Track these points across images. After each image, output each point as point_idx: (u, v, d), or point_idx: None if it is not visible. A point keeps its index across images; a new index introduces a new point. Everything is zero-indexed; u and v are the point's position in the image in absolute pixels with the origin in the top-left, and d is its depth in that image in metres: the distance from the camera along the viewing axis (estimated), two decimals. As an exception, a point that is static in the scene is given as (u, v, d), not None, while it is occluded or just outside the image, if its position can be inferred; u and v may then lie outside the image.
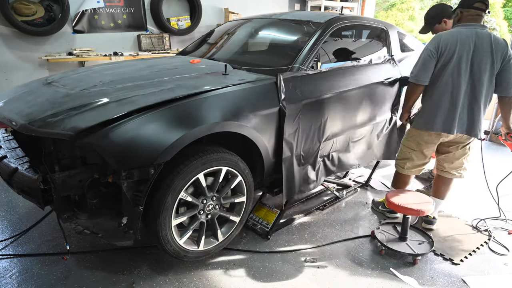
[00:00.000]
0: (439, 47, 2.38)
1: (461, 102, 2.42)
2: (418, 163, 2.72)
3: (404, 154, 2.76)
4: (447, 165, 2.68)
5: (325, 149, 2.76)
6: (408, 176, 2.80)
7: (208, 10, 5.91)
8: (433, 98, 2.49)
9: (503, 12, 14.50)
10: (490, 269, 2.37)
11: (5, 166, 2.02)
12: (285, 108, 2.31)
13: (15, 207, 2.98)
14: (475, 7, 2.35)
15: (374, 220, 2.91)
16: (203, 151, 2.08)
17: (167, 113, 1.94)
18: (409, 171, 2.76)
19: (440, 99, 2.45)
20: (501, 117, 2.56)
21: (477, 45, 2.33)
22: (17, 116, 1.97)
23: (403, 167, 2.77)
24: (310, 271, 2.29)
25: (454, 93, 2.41)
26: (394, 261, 2.41)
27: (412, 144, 2.69)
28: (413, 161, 2.72)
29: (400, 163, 2.80)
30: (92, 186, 2.01)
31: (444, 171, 2.71)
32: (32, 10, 4.35)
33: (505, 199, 3.25)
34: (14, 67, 4.49)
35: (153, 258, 2.36)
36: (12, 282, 2.13)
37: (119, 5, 5.08)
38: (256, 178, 2.50)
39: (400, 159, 2.81)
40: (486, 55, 2.33)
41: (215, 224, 2.29)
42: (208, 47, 3.35)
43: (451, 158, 2.66)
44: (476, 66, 2.35)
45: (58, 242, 2.50)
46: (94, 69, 2.80)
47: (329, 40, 2.84)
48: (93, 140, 1.78)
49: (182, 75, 2.44)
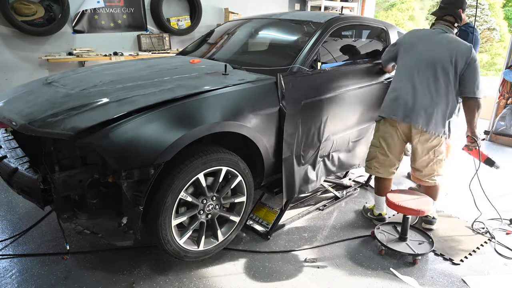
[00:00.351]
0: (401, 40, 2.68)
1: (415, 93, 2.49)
2: (384, 163, 2.70)
3: (370, 153, 2.79)
4: (418, 173, 2.68)
5: (325, 149, 2.76)
6: (384, 180, 2.77)
7: (208, 10, 5.90)
8: (392, 87, 2.65)
9: (503, 12, 14.50)
10: (490, 269, 2.37)
11: (5, 166, 2.02)
12: (285, 108, 2.31)
13: (15, 207, 2.98)
14: (443, 19, 2.58)
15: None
16: (203, 151, 2.07)
17: (167, 113, 1.94)
18: (377, 172, 2.74)
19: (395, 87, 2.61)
20: (466, 120, 2.54)
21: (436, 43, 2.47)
22: (17, 116, 1.97)
23: (370, 167, 2.78)
24: (310, 271, 2.29)
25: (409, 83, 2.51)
26: (394, 261, 2.41)
27: (376, 141, 2.73)
28: (378, 159, 2.71)
29: (368, 164, 2.82)
30: (92, 186, 2.01)
31: (418, 179, 2.70)
32: (32, 10, 4.35)
33: (505, 199, 3.26)
34: (14, 67, 4.49)
35: (153, 258, 2.36)
36: (12, 282, 2.13)
37: (119, 5, 5.08)
38: (256, 178, 2.50)
39: (368, 160, 2.83)
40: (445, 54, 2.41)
41: (215, 224, 2.29)
42: (208, 47, 3.35)
43: (418, 166, 2.63)
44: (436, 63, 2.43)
45: (58, 242, 2.50)
46: (94, 69, 2.80)
47: (329, 40, 2.84)
48: (93, 140, 1.78)
49: (182, 75, 2.44)
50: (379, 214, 2.87)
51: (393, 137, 2.63)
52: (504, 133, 4.91)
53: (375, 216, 2.89)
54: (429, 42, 2.50)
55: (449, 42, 2.44)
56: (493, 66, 13.43)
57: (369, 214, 2.93)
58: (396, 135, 2.61)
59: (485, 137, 5.07)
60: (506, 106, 4.94)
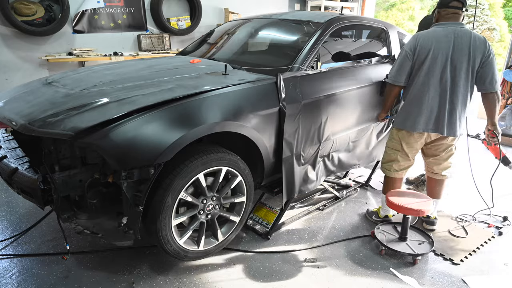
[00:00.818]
0: (415, 48, 2.43)
1: (437, 102, 2.42)
2: (403, 165, 2.70)
3: (390, 156, 2.74)
4: (436, 167, 2.68)
5: (325, 149, 2.76)
6: (397, 179, 2.75)
7: (208, 10, 5.91)
8: (410, 98, 2.52)
9: (503, 12, 14.49)
10: (490, 269, 2.37)
11: (5, 166, 2.02)
12: (285, 108, 2.31)
13: (15, 207, 2.98)
14: (450, 6, 2.38)
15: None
16: (203, 151, 2.07)
17: (167, 113, 1.94)
18: (396, 173, 2.72)
19: (416, 99, 2.48)
20: (486, 115, 2.52)
21: (456, 44, 2.34)
22: (17, 116, 1.97)
23: (390, 170, 2.73)
24: (310, 271, 2.29)
25: (430, 93, 2.42)
26: (394, 261, 2.41)
27: (396, 145, 2.68)
28: (399, 163, 2.69)
29: (386, 166, 2.76)
30: (92, 186, 2.01)
31: (434, 173, 2.71)
32: (32, 10, 4.35)
33: (506, 199, 3.26)
34: (14, 67, 4.49)
35: (153, 258, 2.36)
36: (12, 282, 2.13)
37: (119, 5, 5.08)
38: (256, 178, 2.50)
39: (385, 162, 2.77)
40: (464, 54, 2.33)
41: (215, 224, 2.29)
42: (208, 47, 3.35)
43: (439, 160, 2.65)
44: (452, 66, 2.36)
45: (58, 242, 2.50)
46: (94, 69, 2.80)
47: (329, 40, 2.84)
48: (93, 140, 1.78)
49: (182, 75, 2.44)
50: (385, 216, 2.83)
51: (417, 143, 2.60)
52: (504, 133, 4.91)
53: (380, 218, 2.84)
54: (447, 46, 2.34)
55: (464, 41, 2.31)
56: (493, 66, 13.43)
57: (374, 217, 2.87)
58: (420, 140, 2.58)
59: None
60: (506, 106, 4.94)
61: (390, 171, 2.73)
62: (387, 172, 2.77)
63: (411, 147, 2.62)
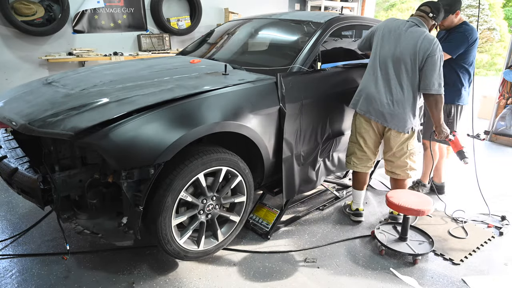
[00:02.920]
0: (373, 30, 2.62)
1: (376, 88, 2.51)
2: (361, 158, 2.73)
3: (349, 149, 2.82)
4: (390, 165, 2.71)
5: (325, 149, 2.76)
6: (361, 174, 2.80)
7: (208, 10, 5.91)
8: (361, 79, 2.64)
9: (503, 12, 14.49)
10: (490, 269, 2.37)
11: (5, 166, 2.02)
12: (285, 108, 2.31)
13: (15, 207, 2.98)
14: (419, 9, 2.55)
15: (374, 220, 2.91)
16: (203, 151, 2.07)
17: (167, 113, 1.94)
18: (356, 167, 2.77)
19: (363, 81, 2.61)
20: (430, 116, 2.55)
21: (405, 37, 2.41)
22: (17, 116, 1.97)
23: (350, 163, 2.80)
24: (310, 271, 2.29)
25: (371, 78, 2.53)
26: (394, 261, 2.41)
27: (353, 137, 2.75)
28: (356, 155, 2.74)
29: (347, 159, 2.84)
30: (92, 186, 2.01)
31: (389, 171, 2.75)
32: (32, 10, 4.35)
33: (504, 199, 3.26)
34: (14, 67, 4.49)
35: (153, 258, 2.36)
36: (12, 282, 2.13)
37: (119, 5, 5.08)
38: (256, 178, 2.50)
39: (347, 156, 2.84)
40: (409, 49, 2.38)
41: (215, 224, 2.29)
42: (208, 47, 3.35)
43: (391, 157, 2.66)
44: (395, 57, 2.43)
45: (58, 242, 2.50)
46: (94, 69, 2.80)
47: (329, 40, 2.84)
48: (93, 140, 1.78)
49: (182, 75, 2.44)
50: (356, 209, 2.88)
51: (369, 132, 2.64)
52: (504, 133, 4.91)
53: (352, 211, 2.89)
54: (396, 37, 2.44)
55: (413, 37, 2.38)
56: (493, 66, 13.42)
57: (348, 210, 2.94)
58: (371, 129, 2.63)
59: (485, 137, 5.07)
60: (506, 106, 4.93)
61: (351, 164, 2.79)
62: (348, 166, 2.84)
63: (362, 136, 2.67)
